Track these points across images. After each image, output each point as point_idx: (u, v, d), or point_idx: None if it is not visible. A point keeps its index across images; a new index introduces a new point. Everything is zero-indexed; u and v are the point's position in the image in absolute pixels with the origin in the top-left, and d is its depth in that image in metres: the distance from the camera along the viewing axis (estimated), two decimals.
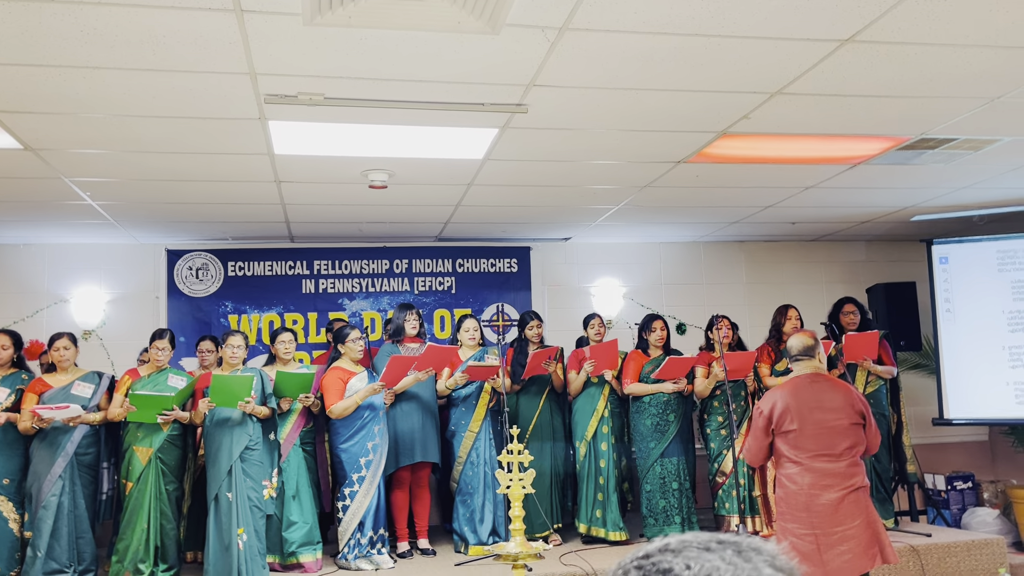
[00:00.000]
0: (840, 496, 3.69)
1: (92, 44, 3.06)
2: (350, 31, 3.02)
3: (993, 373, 6.53)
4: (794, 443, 3.77)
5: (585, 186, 5.47)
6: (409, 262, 7.18)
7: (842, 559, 3.62)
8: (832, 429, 3.75)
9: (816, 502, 3.69)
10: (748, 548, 0.75)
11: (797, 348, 3.96)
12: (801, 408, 3.77)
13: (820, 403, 3.78)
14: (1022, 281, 6.53)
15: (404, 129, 4.17)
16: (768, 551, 0.76)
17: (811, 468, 3.72)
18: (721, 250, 7.68)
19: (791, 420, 3.77)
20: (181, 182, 5.03)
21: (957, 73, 3.63)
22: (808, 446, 3.74)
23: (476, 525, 5.52)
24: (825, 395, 3.81)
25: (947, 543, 5.42)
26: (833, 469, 3.72)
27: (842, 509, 3.67)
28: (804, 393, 3.81)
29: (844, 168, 5.18)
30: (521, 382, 5.85)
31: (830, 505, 3.67)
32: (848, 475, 3.73)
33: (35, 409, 4.83)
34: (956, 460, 7.45)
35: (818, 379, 3.87)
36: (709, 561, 0.73)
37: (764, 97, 3.84)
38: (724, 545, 0.75)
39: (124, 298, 6.77)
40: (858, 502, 3.71)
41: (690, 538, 0.77)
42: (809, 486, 3.71)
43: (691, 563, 0.72)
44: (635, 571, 0.75)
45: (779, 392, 3.88)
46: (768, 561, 0.74)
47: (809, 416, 3.76)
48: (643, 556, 0.76)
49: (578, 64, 3.39)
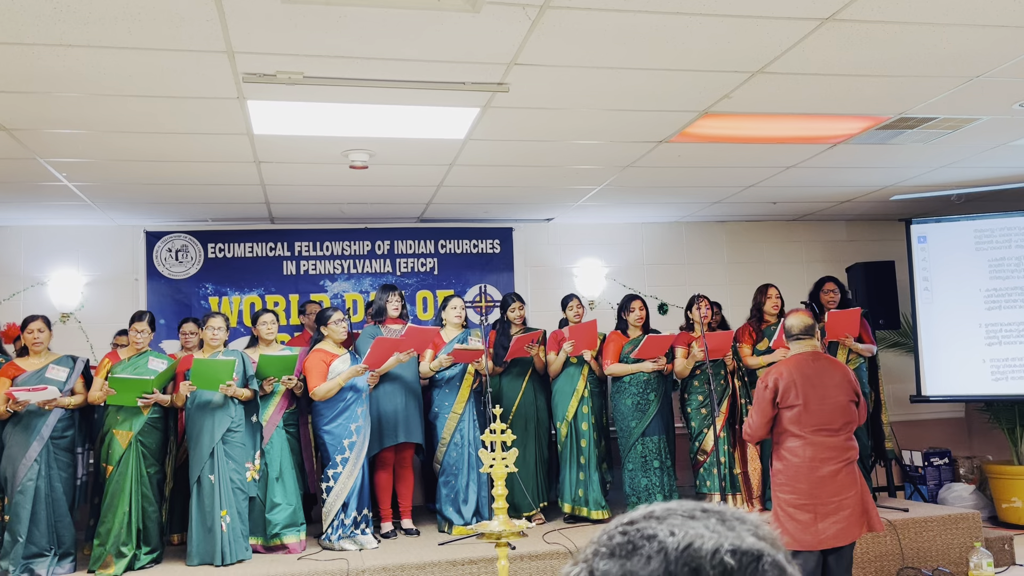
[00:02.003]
0: (838, 468, 3.89)
1: (66, 21, 3.01)
2: (329, 8, 2.98)
3: (970, 350, 6.62)
4: (797, 418, 3.92)
5: (567, 166, 5.46)
6: (391, 243, 7.15)
7: (837, 527, 3.84)
8: (833, 405, 3.92)
9: (816, 474, 3.88)
10: (732, 517, 0.77)
11: (798, 327, 4.09)
12: (805, 384, 3.92)
13: (822, 380, 3.94)
14: (999, 260, 6.61)
15: (385, 108, 4.14)
16: (752, 520, 0.77)
17: (812, 442, 3.90)
18: (703, 230, 7.71)
19: (796, 395, 3.92)
20: (159, 163, 4.97)
21: (937, 52, 3.64)
22: (810, 421, 3.91)
23: (460, 505, 5.54)
24: (826, 373, 3.97)
25: (924, 517, 5.51)
26: (832, 443, 3.90)
27: (839, 480, 3.88)
28: (808, 370, 3.95)
29: (824, 148, 5.21)
30: (503, 364, 5.86)
31: (828, 476, 3.88)
32: (845, 448, 3.93)
33: (11, 391, 4.79)
34: (933, 436, 7.56)
35: (819, 357, 4.03)
36: (693, 528, 0.74)
37: (745, 76, 3.85)
38: (708, 514, 0.77)
39: (103, 280, 6.70)
40: (852, 473, 3.93)
41: (675, 506, 0.78)
42: (810, 459, 3.89)
43: (675, 530, 0.73)
44: (620, 536, 0.76)
45: (784, 367, 4.00)
46: (751, 530, 0.75)
47: (812, 392, 3.92)
48: (628, 522, 0.78)
49: (559, 43, 3.37)
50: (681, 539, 0.72)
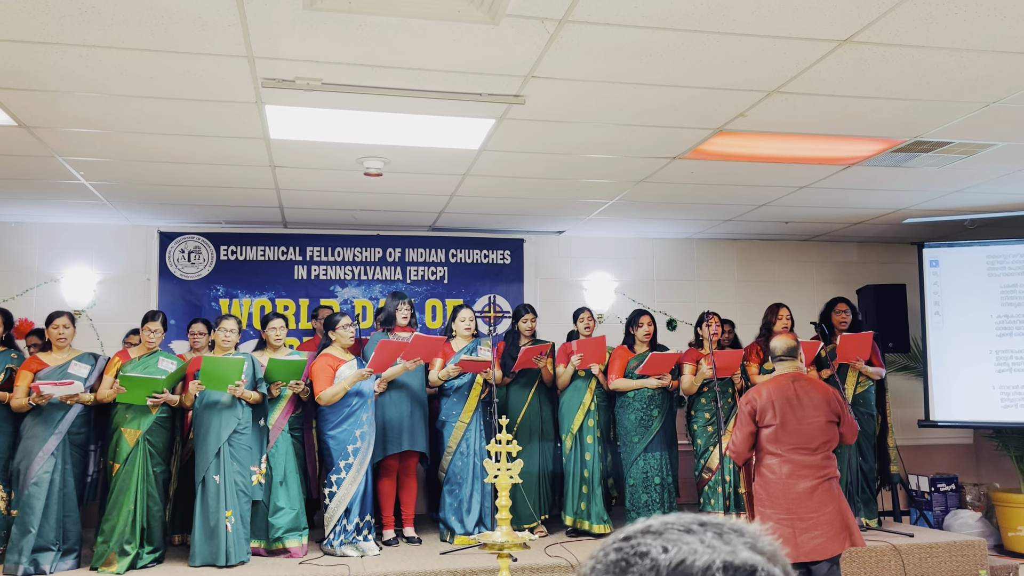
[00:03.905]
0: (814, 485, 4.01)
1: (90, 23, 3.05)
2: (350, 17, 3.01)
3: (979, 376, 6.58)
4: (774, 437, 4.08)
5: (581, 179, 5.47)
6: (402, 251, 7.18)
7: (815, 542, 3.96)
8: (810, 425, 4.07)
9: (793, 490, 4.02)
10: (729, 530, 0.76)
11: (781, 349, 4.29)
12: (783, 405, 4.09)
13: (800, 401, 4.10)
14: (1011, 286, 6.58)
15: (401, 117, 4.17)
16: (750, 532, 0.76)
17: (789, 460, 4.05)
18: (714, 247, 7.70)
19: (773, 415, 4.08)
20: (175, 164, 5.01)
21: (954, 77, 3.65)
22: (787, 440, 4.06)
23: (463, 515, 5.54)
24: (805, 394, 4.12)
25: (929, 544, 5.47)
26: (809, 461, 4.04)
27: (816, 496, 4.00)
28: (786, 391, 4.12)
29: (838, 169, 5.20)
30: (512, 375, 5.86)
31: (805, 493, 4.01)
32: (822, 466, 4.06)
33: (37, 384, 4.84)
34: (940, 462, 7.50)
35: (799, 378, 4.19)
36: (687, 544, 0.73)
37: (761, 95, 3.86)
38: (705, 527, 0.76)
39: (115, 279, 6.75)
40: (830, 490, 4.04)
41: (672, 519, 0.78)
42: (787, 476, 4.04)
43: (668, 546, 0.73)
44: (614, 553, 0.75)
45: (764, 388, 4.19)
46: (748, 543, 0.74)
47: (790, 413, 4.07)
48: (623, 538, 0.77)
49: (577, 57, 3.39)
50: (674, 556, 0.72)
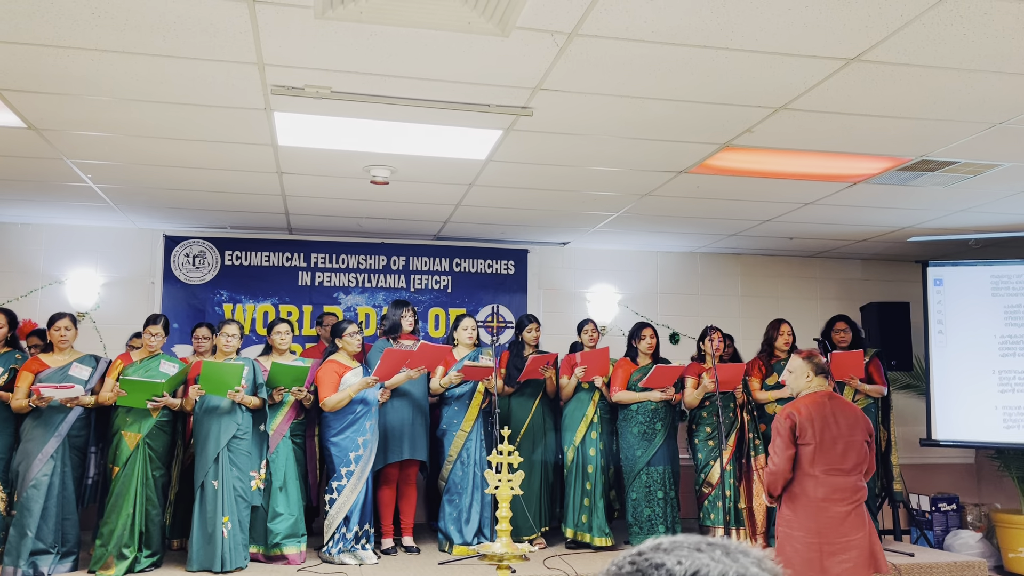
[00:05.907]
0: (848, 509, 3.89)
1: (102, 27, 3.06)
2: (360, 26, 3.03)
3: (982, 396, 6.56)
4: (811, 456, 3.92)
5: (586, 192, 5.48)
6: (406, 259, 7.19)
7: (843, 567, 3.84)
8: (845, 445, 3.93)
9: (825, 514, 3.88)
10: (736, 550, 0.80)
11: (818, 366, 4.12)
12: (821, 424, 3.93)
13: (836, 420, 3.95)
14: (1015, 306, 6.57)
15: (409, 126, 4.18)
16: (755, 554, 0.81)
17: (824, 481, 3.90)
18: (718, 261, 7.71)
19: (812, 434, 3.92)
20: (183, 169, 5.03)
21: (960, 97, 3.65)
22: (823, 460, 3.91)
23: (462, 525, 5.52)
24: (840, 413, 3.98)
25: (929, 563, 5.45)
26: (843, 483, 3.91)
27: (849, 521, 3.88)
28: (823, 409, 3.97)
29: (844, 186, 5.21)
30: (516, 385, 5.86)
31: (838, 517, 3.88)
32: (856, 488, 3.94)
33: (38, 387, 4.84)
34: (942, 481, 7.48)
35: (834, 397, 4.05)
36: (699, 559, 0.78)
37: (768, 111, 3.87)
38: (713, 547, 0.81)
39: (119, 282, 6.76)
40: (861, 515, 3.93)
41: (681, 539, 0.83)
42: (821, 499, 3.89)
43: (682, 559, 0.77)
44: (629, 566, 0.80)
45: (801, 404, 4.01)
46: (755, 563, 0.79)
47: (827, 432, 3.93)
48: (637, 553, 0.82)
49: (586, 70, 3.40)
50: (688, 567, 0.76)
